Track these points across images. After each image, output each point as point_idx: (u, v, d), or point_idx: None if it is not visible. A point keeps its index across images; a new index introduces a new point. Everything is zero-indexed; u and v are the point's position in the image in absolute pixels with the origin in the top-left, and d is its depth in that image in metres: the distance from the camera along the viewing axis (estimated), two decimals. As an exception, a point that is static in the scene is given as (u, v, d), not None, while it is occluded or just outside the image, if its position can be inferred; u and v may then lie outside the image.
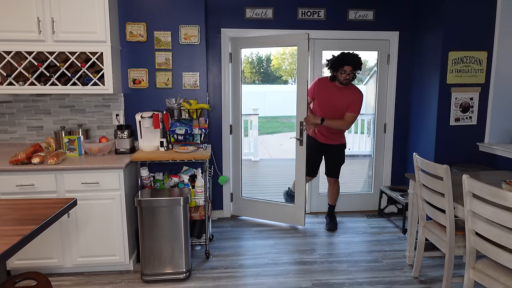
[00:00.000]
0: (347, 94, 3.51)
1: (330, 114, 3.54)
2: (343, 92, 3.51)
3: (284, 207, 3.91)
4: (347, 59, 3.40)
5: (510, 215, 1.77)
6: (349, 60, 3.40)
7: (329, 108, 3.55)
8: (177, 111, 3.25)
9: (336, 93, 3.52)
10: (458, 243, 2.37)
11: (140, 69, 3.36)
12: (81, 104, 3.31)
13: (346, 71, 3.41)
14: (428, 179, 2.48)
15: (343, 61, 3.41)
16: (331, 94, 3.53)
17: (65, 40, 2.89)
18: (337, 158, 3.78)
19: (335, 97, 3.52)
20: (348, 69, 3.41)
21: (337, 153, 3.77)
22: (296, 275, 2.87)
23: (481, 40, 3.42)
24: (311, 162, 3.73)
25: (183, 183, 3.21)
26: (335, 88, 3.53)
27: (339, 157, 3.78)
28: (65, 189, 2.73)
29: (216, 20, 3.74)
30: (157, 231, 2.73)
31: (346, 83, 3.47)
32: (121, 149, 3.13)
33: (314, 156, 3.76)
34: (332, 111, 3.54)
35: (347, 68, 3.41)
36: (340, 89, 3.51)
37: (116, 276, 2.85)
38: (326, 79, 3.60)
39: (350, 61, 3.40)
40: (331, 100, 3.53)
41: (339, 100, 3.51)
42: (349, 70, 3.41)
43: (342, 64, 3.41)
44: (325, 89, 3.56)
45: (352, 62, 3.40)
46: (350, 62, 3.40)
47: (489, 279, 2.00)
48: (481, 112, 3.52)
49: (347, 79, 3.44)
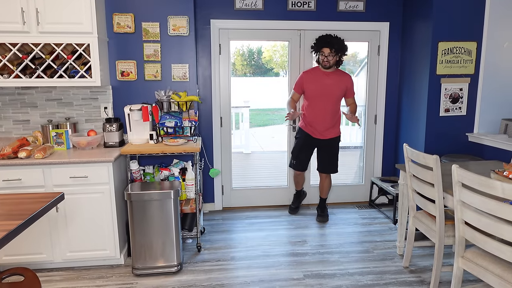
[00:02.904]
0: (338, 79, 3.44)
1: (323, 105, 3.44)
2: (332, 77, 3.43)
3: (275, 190, 4.17)
4: (325, 41, 3.33)
5: (499, 204, 1.78)
6: (327, 42, 3.32)
7: (321, 98, 3.44)
8: (167, 104, 3.21)
9: (325, 79, 3.42)
10: (447, 232, 2.39)
11: (128, 61, 3.30)
12: (69, 97, 3.25)
13: (324, 53, 3.34)
14: (418, 170, 2.49)
15: (321, 43, 3.34)
16: (321, 82, 3.43)
17: (50, 31, 2.82)
18: (332, 152, 3.63)
19: (325, 83, 3.42)
20: (326, 51, 3.33)
21: (333, 147, 3.62)
22: (287, 266, 2.88)
23: (470, 31, 3.43)
24: (303, 157, 3.63)
25: (173, 176, 3.19)
26: (323, 74, 3.44)
27: (334, 151, 3.64)
28: (53, 184, 2.69)
29: (205, 11, 3.68)
30: (148, 225, 2.71)
31: (326, 66, 3.37)
32: (110, 143, 3.09)
33: (306, 150, 3.63)
34: (324, 101, 3.44)
35: (325, 50, 3.33)
36: (328, 74, 3.43)
37: (107, 271, 2.83)
38: (312, 69, 3.55)
39: (328, 43, 3.31)
40: (322, 87, 3.42)
41: (330, 86, 3.42)
42: (327, 52, 3.32)
43: (320, 46, 3.35)
44: (313, 78, 3.46)
45: (331, 44, 3.31)
46: (328, 44, 3.31)
47: (477, 267, 2.02)
48: (471, 103, 3.54)
49: (326, 61, 3.35)
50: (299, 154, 3.62)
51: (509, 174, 2.29)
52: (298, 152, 3.63)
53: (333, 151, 3.62)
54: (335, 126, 3.56)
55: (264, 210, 4.06)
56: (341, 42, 3.36)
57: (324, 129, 3.52)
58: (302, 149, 3.59)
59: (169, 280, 2.70)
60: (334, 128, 3.56)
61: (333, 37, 3.35)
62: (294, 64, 3.93)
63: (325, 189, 3.78)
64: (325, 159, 3.63)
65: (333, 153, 3.62)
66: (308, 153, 3.66)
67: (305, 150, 3.62)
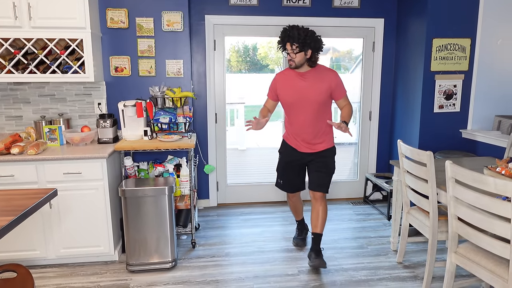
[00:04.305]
0: (315, 80, 2.65)
1: (302, 114, 2.70)
2: (307, 78, 2.66)
3: (270, 186, 4.10)
4: (285, 34, 2.59)
5: (491, 200, 1.80)
6: (287, 36, 2.57)
7: (297, 105, 2.69)
8: (161, 100, 3.19)
9: (298, 81, 2.67)
10: (441, 228, 2.41)
11: (122, 57, 3.28)
12: (62, 92, 3.22)
13: (287, 50, 2.61)
14: (412, 166, 2.50)
15: (282, 37, 2.63)
16: (293, 85, 2.68)
17: (42, 26, 2.79)
18: (324, 166, 2.81)
19: (299, 86, 2.66)
20: (288, 48, 2.59)
21: (325, 160, 2.81)
22: (282, 262, 2.89)
23: (464, 28, 3.44)
24: (290, 175, 2.92)
25: (168, 172, 3.18)
26: (296, 76, 2.68)
27: (327, 164, 2.81)
28: (46, 180, 2.67)
29: (200, 6, 3.66)
30: (142, 221, 2.70)
31: (291, 66, 2.64)
32: (103, 139, 3.07)
33: (293, 167, 2.89)
34: (302, 108, 2.68)
35: (287, 45, 2.60)
36: (303, 75, 2.66)
37: (101, 267, 2.82)
38: (286, 69, 2.78)
39: (288, 36, 2.56)
40: (296, 92, 2.67)
41: (305, 89, 2.65)
42: (289, 49, 2.58)
43: (282, 41, 2.64)
44: (285, 81, 2.73)
45: (291, 38, 2.54)
46: (288, 38, 2.57)
47: (470, 262, 2.04)
48: (464, 99, 3.56)
49: (290, 60, 2.62)
50: (284, 172, 2.94)
51: (502, 170, 2.31)
52: (282, 170, 2.94)
53: (325, 165, 2.81)
54: (324, 136, 2.78)
55: (259, 206, 4.07)
56: (308, 34, 2.56)
57: (310, 142, 2.77)
58: (287, 166, 2.91)
59: (163, 276, 2.70)
60: (324, 139, 2.79)
61: (295, 28, 2.56)
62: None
63: (319, 220, 2.79)
64: (316, 174, 2.81)
65: (325, 166, 2.80)
66: (296, 170, 2.91)
67: (292, 167, 2.90)
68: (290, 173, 2.92)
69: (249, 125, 2.55)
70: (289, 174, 2.93)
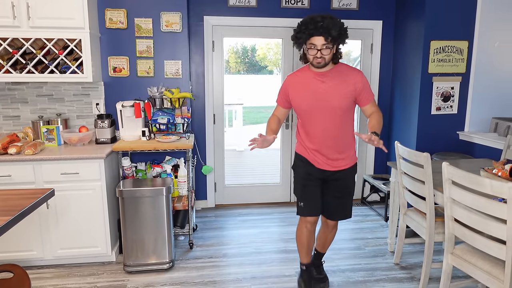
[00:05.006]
0: (338, 81, 2.16)
1: (321, 122, 2.21)
2: (329, 79, 2.16)
3: (268, 187, 4.15)
4: (316, 26, 2.00)
5: (487, 201, 1.81)
6: (318, 28, 2.00)
7: (316, 112, 2.20)
8: (159, 100, 3.19)
9: (318, 83, 2.17)
10: (437, 229, 2.42)
11: (120, 57, 3.28)
12: (60, 92, 3.22)
13: (316, 45, 2.04)
14: (409, 167, 2.51)
15: (309, 30, 2.02)
16: (312, 88, 2.19)
17: (41, 26, 2.78)
18: (347, 190, 2.38)
19: (318, 90, 2.17)
20: (318, 42, 2.03)
21: (347, 182, 2.36)
22: (279, 263, 2.89)
23: (462, 30, 3.46)
24: (312, 193, 2.33)
25: (165, 173, 3.18)
26: (315, 77, 2.18)
27: (348, 186, 2.38)
28: (43, 180, 2.67)
29: (199, 7, 3.67)
30: (140, 222, 2.70)
31: (320, 64, 2.10)
32: (101, 139, 3.06)
33: (314, 183, 2.33)
34: (322, 116, 2.20)
35: (316, 39, 2.03)
36: (323, 76, 2.17)
37: (98, 268, 2.81)
38: (299, 70, 2.30)
39: (321, 28, 2.00)
40: (314, 97, 2.18)
41: (326, 93, 2.16)
42: (321, 43, 2.03)
43: (308, 34, 2.04)
44: (301, 83, 2.23)
45: (325, 30, 2.00)
46: (320, 29, 2.00)
47: (466, 264, 2.04)
48: (462, 101, 3.57)
49: (319, 58, 2.07)
50: (304, 192, 2.33)
51: (498, 172, 2.32)
52: (302, 190, 2.34)
53: (347, 187, 2.38)
54: (347, 151, 2.30)
55: (257, 207, 4.07)
56: (343, 25, 2.08)
57: (330, 157, 2.27)
58: (307, 184, 2.33)
59: (161, 277, 2.70)
60: (347, 154, 2.31)
61: (329, 18, 2.02)
62: (287, 62, 3.94)
63: (327, 242, 2.56)
64: (335, 200, 2.36)
65: (347, 190, 2.38)
66: (318, 186, 2.34)
67: (312, 184, 2.33)
68: (311, 190, 2.32)
69: (253, 143, 2.06)
70: (312, 192, 2.32)
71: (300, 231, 2.43)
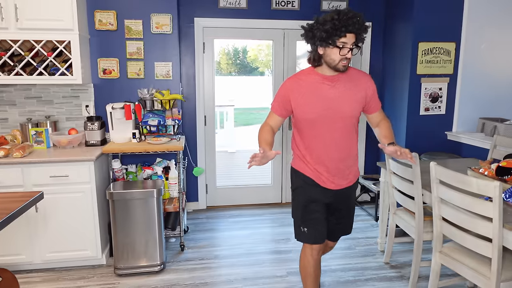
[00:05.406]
0: (351, 84, 1.93)
1: (330, 134, 1.95)
2: (342, 83, 1.91)
3: (260, 188, 4.18)
4: (353, 22, 1.77)
5: (474, 200, 1.84)
6: (353, 24, 1.77)
7: (324, 123, 1.93)
8: (150, 102, 3.19)
9: (329, 90, 1.90)
10: (426, 228, 2.45)
11: (110, 59, 3.27)
12: (49, 95, 3.19)
13: (347, 43, 1.80)
14: (398, 167, 2.54)
15: (348, 25, 1.76)
16: (322, 95, 1.90)
17: (29, 28, 2.76)
18: (351, 208, 2.18)
19: (329, 95, 1.90)
20: (351, 41, 1.80)
21: (351, 200, 2.17)
22: (271, 264, 2.90)
23: (449, 32, 3.51)
24: (317, 218, 2.03)
25: (156, 175, 3.17)
26: (324, 81, 1.91)
27: (351, 207, 2.18)
28: (32, 183, 2.64)
29: (189, 9, 3.67)
30: (130, 224, 2.68)
31: (344, 68, 1.86)
32: (91, 141, 3.04)
33: (318, 205, 2.04)
34: (331, 127, 1.94)
35: (350, 38, 1.79)
36: (334, 80, 1.91)
37: (89, 271, 2.79)
38: (303, 73, 1.99)
39: (357, 24, 1.79)
40: (326, 104, 1.90)
41: (339, 100, 1.91)
42: (352, 41, 1.81)
43: (346, 31, 1.77)
44: (306, 89, 1.92)
45: (360, 27, 1.81)
46: (356, 26, 1.79)
47: (454, 262, 2.08)
48: (450, 102, 3.62)
49: (347, 60, 1.83)
50: (308, 216, 2.03)
51: (485, 171, 2.36)
52: (305, 213, 2.04)
53: (352, 205, 2.19)
54: (353, 165, 2.07)
55: (248, 208, 4.07)
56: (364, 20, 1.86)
57: (336, 174, 2.01)
58: (311, 206, 2.03)
59: (152, 279, 2.69)
60: (352, 169, 2.07)
61: (358, 14, 1.82)
62: (278, 64, 3.95)
63: None
64: (341, 220, 2.15)
65: (351, 207, 2.19)
66: (323, 208, 2.06)
67: (317, 206, 2.04)
68: (314, 216, 2.03)
69: (252, 161, 1.77)
70: (317, 215, 2.03)
71: (306, 261, 2.10)
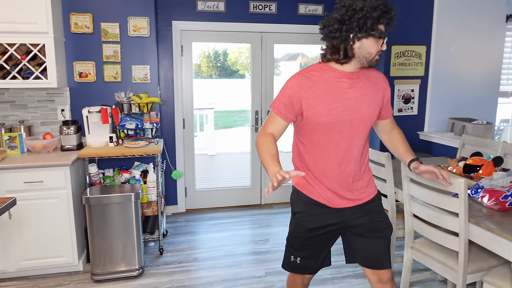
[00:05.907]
0: (370, 83, 1.66)
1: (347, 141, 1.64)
2: (361, 82, 1.63)
3: (240, 190, 4.22)
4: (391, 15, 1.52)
5: (442, 197, 1.92)
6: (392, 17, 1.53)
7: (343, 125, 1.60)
8: (127, 105, 3.17)
9: (348, 89, 1.60)
10: (399, 225, 2.52)
11: (86, 62, 3.24)
12: (23, 99, 3.13)
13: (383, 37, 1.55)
14: (372, 167, 2.61)
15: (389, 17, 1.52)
16: (339, 94, 1.59)
17: (2, 31, 2.71)
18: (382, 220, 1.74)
19: (349, 95, 1.60)
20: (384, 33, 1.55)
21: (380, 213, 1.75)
22: (250, 265, 2.93)
23: (420, 35, 3.64)
24: (318, 254, 1.79)
25: (134, 179, 3.15)
26: (342, 79, 1.60)
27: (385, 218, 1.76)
28: (5, 189, 2.58)
29: (167, 12, 3.67)
30: (108, 229, 2.66)
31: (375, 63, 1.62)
32: (67, 146, 3.01)
33: (325, 239, 1.77)
34: (350, 130, 1.62)
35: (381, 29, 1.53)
36: (354, 77, 1.61)
37: (65, 278, 2.75)
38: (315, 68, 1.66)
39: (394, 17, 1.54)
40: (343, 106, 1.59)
41: (359, 100, 1.62)
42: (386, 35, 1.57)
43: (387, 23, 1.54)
44: (320, 87, 1.58)
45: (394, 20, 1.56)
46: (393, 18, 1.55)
47: (425, 256, 2.15)
48: (421, 103, 3.75)
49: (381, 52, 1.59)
50: (306, 246, 1.76)
51: (453, 169, 2.46)
52: (303, 242, 1.76)
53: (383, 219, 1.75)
54: (367, 176, 1.76)
55: (228, 210, 4.09)
56: None
57: (350, 188, 1.69)
58: (312, 236, 1.73)
59: (130, 284, 2.67)
60: (368, 181, 1.76)
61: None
62: (256, 67, 4.00)
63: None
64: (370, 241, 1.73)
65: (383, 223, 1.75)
66: (326, 240, 1.78)
67: (320, 237, 1.75)
68: (316, 246, 1.76)
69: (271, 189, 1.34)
70: (314, 247, 1.77)
71: (294, 284, 1.91)
